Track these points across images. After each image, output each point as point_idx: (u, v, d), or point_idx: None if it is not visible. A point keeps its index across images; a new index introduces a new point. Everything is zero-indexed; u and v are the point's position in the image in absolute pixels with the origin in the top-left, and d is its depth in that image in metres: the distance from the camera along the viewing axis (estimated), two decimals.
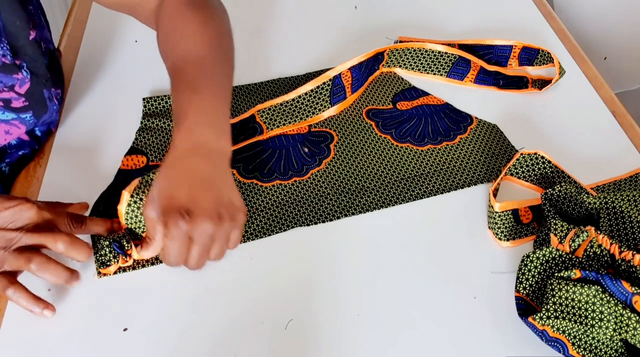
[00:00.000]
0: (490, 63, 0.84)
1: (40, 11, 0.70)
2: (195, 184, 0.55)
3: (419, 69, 0.80)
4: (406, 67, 0.82)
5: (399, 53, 0.81)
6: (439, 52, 0.79)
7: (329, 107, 0.76)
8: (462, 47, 0.84)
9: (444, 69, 0.79)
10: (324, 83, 0.74)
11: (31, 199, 0.57)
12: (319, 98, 0.75)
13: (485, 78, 0.80)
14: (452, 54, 0.79)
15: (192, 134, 0.57)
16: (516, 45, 0.83)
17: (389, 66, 0.82)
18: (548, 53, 0.82)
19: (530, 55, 0.83)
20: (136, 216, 0.60)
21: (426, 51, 0.79)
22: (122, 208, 0.60)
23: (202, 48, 0.64)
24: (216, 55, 0.64)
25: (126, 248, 0.59)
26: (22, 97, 0.65)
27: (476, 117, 0.77)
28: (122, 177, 0.68)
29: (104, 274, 0.60)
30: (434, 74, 0.79)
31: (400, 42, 0.86)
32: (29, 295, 0.55)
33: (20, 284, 0.55)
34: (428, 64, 0.79)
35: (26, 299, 0.55)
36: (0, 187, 0.70)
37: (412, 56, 0.81)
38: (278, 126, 0.74)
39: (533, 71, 0.84)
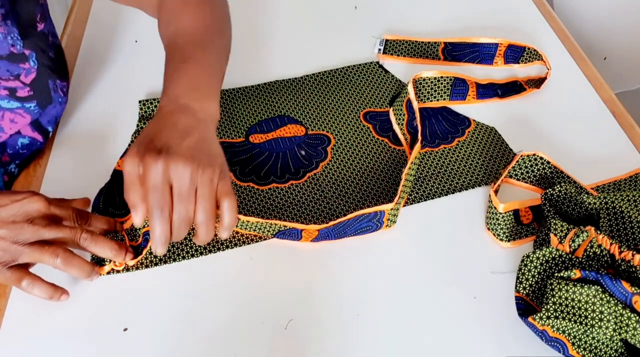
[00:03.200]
0: (476, 61, 0.85)
1: (46, 6, 0.70)
2: (174, 131, 0.55)
3: (422, 100, 0.79)
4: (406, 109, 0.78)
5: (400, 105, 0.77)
6: (435, 79, 0.78)
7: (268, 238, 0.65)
8: (448, 44, 0.85)
9: (445, 93, 0.78)
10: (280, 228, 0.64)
11: (38, 192, 0.57)
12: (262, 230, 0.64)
13: (485, 92, 0.80)
14: (448, 77, 0.78)
15: (177, 99, 0.59)
16: (501, 44, 0.84)
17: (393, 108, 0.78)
18: (534, 50, 0.82)
19: (516, 54, 0.83)
20: None
21: (423, 79, 0.78)
22: None
23: (197, 26, 0.66)
24: (211, 33, 0.67)
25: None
26: (27, 87, 0.66)
27: (474, 120, 0.76)
28: (118, 178, 0.68)
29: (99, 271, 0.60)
30: (437, 101, 0.79)
31: (386, 41, 0.86)
32: (47, 284, 0.56)
33: (34, 275, 0.56)
34: (429, 93, 0.78)
35: (45, 289, 0.56)
36: (3, 187, 0.70)
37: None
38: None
39: (520, 69, 0.84)
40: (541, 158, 0.68)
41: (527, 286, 0.57)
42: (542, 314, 0.54)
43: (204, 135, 0.57)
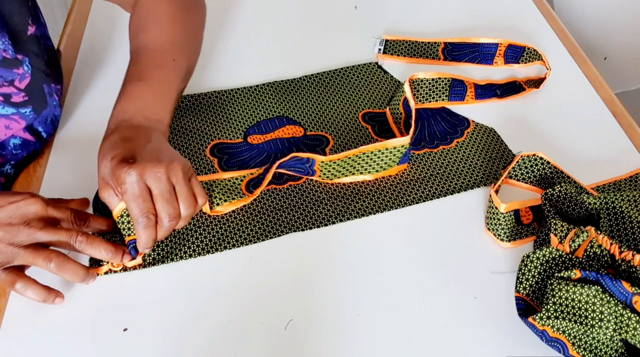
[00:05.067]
0: (476, 62, 0.85)
1: (37, 9, 0.70)
2: (131, 144, 0.58)
3: (420, 101, 0.79)
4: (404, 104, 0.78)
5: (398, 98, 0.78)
6: (433, 80, 0.78)
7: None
8: (448, 44, 0.85)
9: (443, 94, 0.78)
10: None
11: (36, 194, 0.57)
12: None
13: (483, 92, 0.80)
14: (446, 79, 0.78)
15: (126, 119, 0.62)
16: (501, 44, 0.84)
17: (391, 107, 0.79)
18: (534, 50, 0.82)
19: (516, 53, 0.83)
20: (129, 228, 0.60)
21: (421, 80, 0.78)
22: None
23: (162, 41, 0.69)
24: (174, 51, 0.69)
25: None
26: (22, 92, 0.65)
27: (473, 121, 0.76)
28: None
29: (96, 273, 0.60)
30: (436, 101, 0.79)
31: (386, 41, 0.86)
32: (41, 287, 0.56)
33: (28, 277, 0.56)
34: (427, 93, 0.78)
35: (38, 291, 0.56)
36: (1, 188, 0.70)
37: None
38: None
39: (520, 69, 0.84)
40: (541, 158, 0.68)
41: (527, 286, 0.57)
42: (542, 314, 0.54)
43: (159, 143, 0.60)
